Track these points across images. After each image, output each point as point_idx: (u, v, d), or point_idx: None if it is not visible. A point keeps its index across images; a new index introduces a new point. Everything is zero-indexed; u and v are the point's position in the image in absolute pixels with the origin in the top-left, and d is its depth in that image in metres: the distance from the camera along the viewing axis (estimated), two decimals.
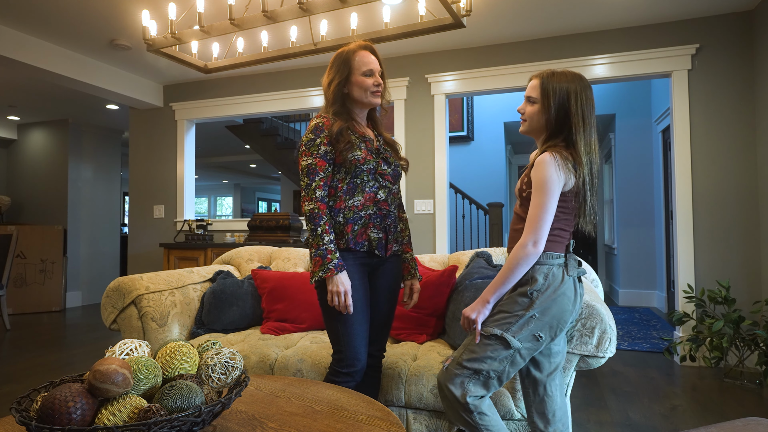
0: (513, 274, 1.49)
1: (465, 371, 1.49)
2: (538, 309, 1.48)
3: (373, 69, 1.73)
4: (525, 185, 1.56)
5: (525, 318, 1.47)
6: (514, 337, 1.47)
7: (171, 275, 2.51)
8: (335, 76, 1.73)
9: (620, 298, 6.27)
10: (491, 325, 1.50)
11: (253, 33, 3.83)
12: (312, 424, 1.18)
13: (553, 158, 1.47)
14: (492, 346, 1.48)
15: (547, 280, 1.50)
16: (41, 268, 6.08)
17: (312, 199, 1.65)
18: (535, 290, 1.49)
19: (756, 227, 3.48)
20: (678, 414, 2.62)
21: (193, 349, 1.18)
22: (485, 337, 1.49)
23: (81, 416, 0.94)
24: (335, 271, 1.61)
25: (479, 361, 1.48)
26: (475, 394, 1.48)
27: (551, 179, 1.46)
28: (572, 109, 1.50)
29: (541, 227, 1.47)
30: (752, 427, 1.02)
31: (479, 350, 1.49)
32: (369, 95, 1.74)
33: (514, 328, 1.47)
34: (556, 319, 1.50)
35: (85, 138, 6.71)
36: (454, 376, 1.50)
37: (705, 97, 3.63)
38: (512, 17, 3.65)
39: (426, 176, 4.27)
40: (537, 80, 1.57)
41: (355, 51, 1.73)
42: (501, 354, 1.48)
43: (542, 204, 1.47)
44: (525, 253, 1.47)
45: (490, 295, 1.52)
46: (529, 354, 1.50)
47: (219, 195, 15.96)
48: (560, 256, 1.53)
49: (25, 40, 3.89)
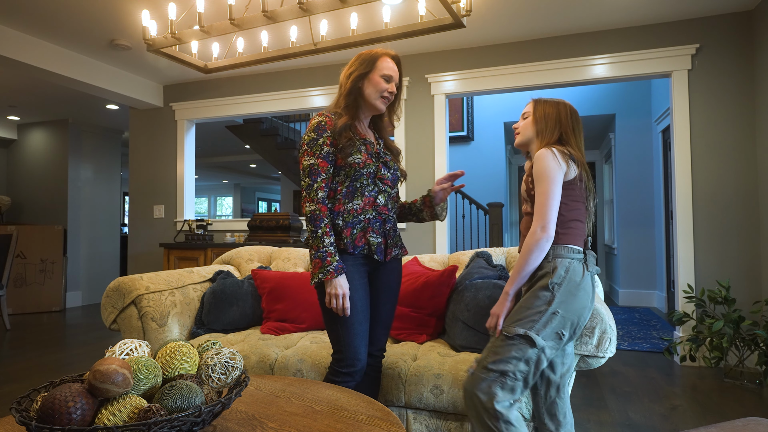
0: (527, 263, 1.50)
1: (491, 374, 1.46)
2: (560, 304, 1.47)
3: (393, 76, 1.75)
4: (531, 185, 1.58)
5: (548, 314, 1.46)
6: (538, 335, 1.45)
7: (171, 275, 2.52)
8: (357, 68, 1.74)
9: (620, 298, 6.27)
10: (514, 325, 1.48)
11: (253, 33, 3.84)
12: (312, 424, 1.18)
13: (550, 150, 1.53)
14: (516, 345, 1.46)
15: (567, 274, 1.49)
16: (41, 268, 6.08)
17: (314, 200, 1.65)
18: (556, 283, 1.48)
19: (756, 227, 3.48)
20: (678, 414, 2.62)
21: (193, 349, 1.18)
22: (509, 338, 1.47)
23: (81, 416, 0.94)
24: (334, 274, 1.60)
25: (505, 362, 1.46)
26: (503, 400, 1.44)
27: (551, 166, 1.51)
28: (563, 119, 1.62)
29: (548, 212, 1.49)
30: (752, 427, 1.02)
31: (504, 351, 1.47)
32: (378, 98, 1.74)
33: (537, 325, 1.46)
34: (576, 315, 1.49)
35: (85, 138, 6.72)
36: (480, 380, 1.47)
37: (705, 97, 3.63)
38: (512, 17, 3.65)
39: (426, 176, 4.27)
40: (531, 102, 1.70)
41: (383, 54, 1.76)
42: (527, 353, 1.45)
43: (546, 191, 1.50)
44: (535, 239, 1.48)
45: (509, 287, 1.53)
46: (552, 354, 1.49)
47: (219, 195, 15.96)
48: (579, 251, 1.54)
49: (26, 40, 3.89)
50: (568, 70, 3.92)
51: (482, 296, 2.10)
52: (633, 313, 5.56)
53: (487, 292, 2.11)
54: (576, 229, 1.55)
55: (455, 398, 1.80)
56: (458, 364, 1.90)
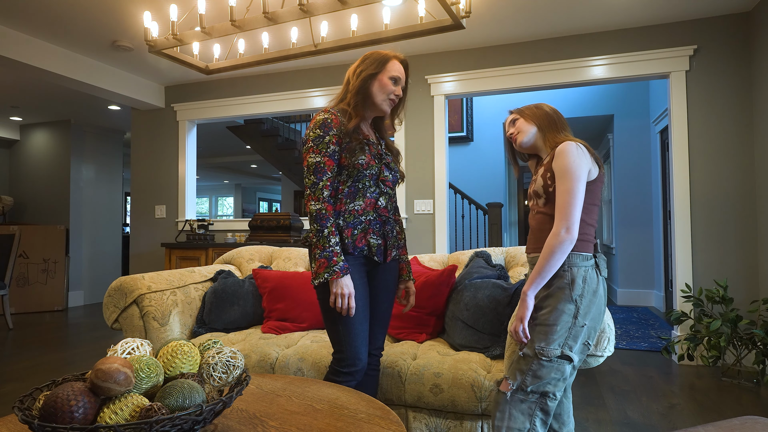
0: (549, 264, 1.43)
1: (531, 396, 1.45)
2: (585, 316, 1.44)
3: (401, 78, 1.76)
4: (549, 180, 1.50)
5: (576, 328, 1.44)
6: (572, 351, 1.44)
7: (172, 275, 2.53)
8: (367, 68, 1.73)
9: (619, 297, 6.28)
10: (549, 346, 1.44)
11: (254, 34, 3.85)
12: (312, 422, 1.19)
13: (576, 145, 1.47)
14: (555, 367, 1.44)
15: (585, 283, 1.45)
16: (43, 267, 6.10)
17: (319, 198, 1.63)
18: (578, 295, 1.44)
19: (753, 227, 3.49)
20: (676, 412, 2.64)
21: (194, 348, 1.19)
22: (548, 360, 1.44)
23: (83, 415, 0.94)
24: (341, 274, 1.60)
25: (545, 384, 1.44)
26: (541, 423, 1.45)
27: (577, 163, 1.43)
28: (552, 115, 1.62)
29: (573, 212, 1.41)
30: (749, 425, 1.03)
31: (545, 374, 1.44)
32: (384, 99, 1.74)
33: (570, 341, 1.44)
34: (596, 321, 1.47)
35: (87, 138, 6.73)
36: (519, 402, 1.45)
37: (703, 97, 3.64)
38: (511, 18, 3.66)
39: (425, 176, 4.29)
40: (512, 112, 1.72)
41: (393, 57, 1.77)
42: (565, 372, 1.45)
43: (570, 190, 1.42)
44: (559, 241, 1.41)
45: (528, 288, 1.46)
46: (580, 363, 1.48)
47: (220, 195, 15.97)
48: (590, 257, 1.48)
49: (28, 41, 3.91)
50: (566, 71, 3.93)
51: (482, 296, 2.12)
52: (631, 313, 5.57)
53: (487, 291, 2.13)
54: (589, 234, 1.50)
55: (455, 397, 1.82)
56: (458, 363, 1.91)
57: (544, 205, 1.54)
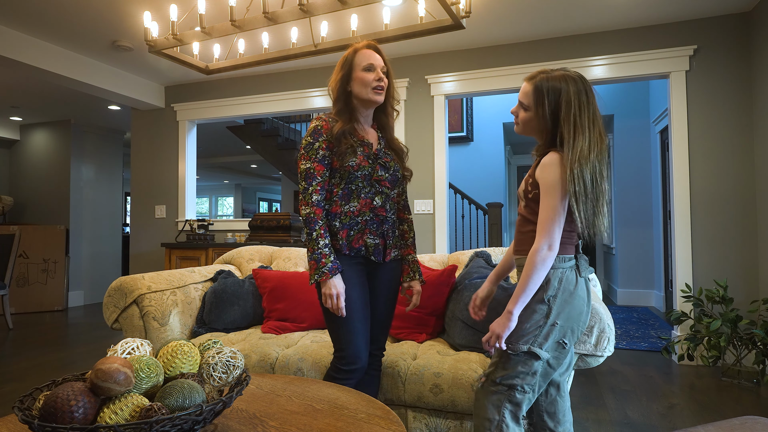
0: (532, 281, 1.43)
1: (500, 387, 1.48)
2: (558, 315, 1.45)
3: (374, 64, 1.73)
4: (530, 186, 1.51)
5: (547, 327, 1.45)
6: (541, 348, 1.45)
7: (172, 275, 2.53)
8: (338, 73, 1.75)
9: (618, 297, 6.28)
10: (516, 343, 1.46)
11: (254, 34, 3.85)
12: (312, 422, 1.19)
13: (560, 156, 1.43)
14: (522, 361, 1.46)
15: (561, 285, 1.46)
16: (43, 267, 6.10)
17: (309, 203, 1.67)
18: (551, 296, 1.45)
19: (753, 227, 3.49)
20: (676, 412, 2.64)
21: (194, 348, 1.19)
22: (515, 355, 1.47)
23: (83, 415, 0.94)
24: (329, 275, 1.62)
25: (512, 377, 1.47)
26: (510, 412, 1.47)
27: (562, 178, 1.41)
28: (562, 117, 1.44)
29: (555, 230, 1.42)
30: (749, 425, 1.03)
31: (511, 367, 1.47)
32: (370, 91, 1.72)
33: (539, 339, 1.45)
34: (574, 321, 1.48)
35: (87, 138, 6.73)
36: (490, 393, 1.49)
37: (703, 97, 3.64)
38: (511, 18, 3.66)
39: (426, 176, 4.29)
40: (530, 85, 1.50)
41: (357, 49, 1.76)
42: (533, 367, 1.46)
43: (554, 206, 1.42)
44: (541, 258, 1.42)
45: (513, 306, 1.44)
46: (558, 363, 1.49)
47: (220, 195, 15.98)
48: (571, 258, 1.49)
49: (28, 41, 3.91)
50: None
51: None
52: (631, 313, 5.57)
53: None
54: (570, 239, 1.50)
55: (455, 397, 1.82)
56: (458, 363, 1.91)
57: (524, 208, 1.55)
